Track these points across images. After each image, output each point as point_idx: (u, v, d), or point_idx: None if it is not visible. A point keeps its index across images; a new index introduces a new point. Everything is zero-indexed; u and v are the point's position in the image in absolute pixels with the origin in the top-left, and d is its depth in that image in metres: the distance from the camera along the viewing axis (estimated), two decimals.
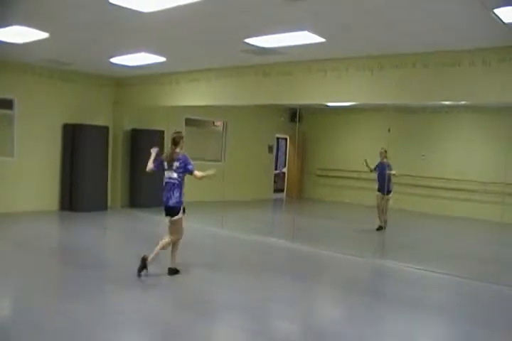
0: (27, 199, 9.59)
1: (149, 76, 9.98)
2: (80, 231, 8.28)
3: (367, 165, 9.22)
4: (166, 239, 5.61)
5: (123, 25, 6.08)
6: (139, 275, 5.41)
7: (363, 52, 6.90)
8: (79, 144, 9.98)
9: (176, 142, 5.55)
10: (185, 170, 5.47)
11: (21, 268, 5.76)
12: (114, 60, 8.42)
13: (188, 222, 6.42)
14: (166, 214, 5.62)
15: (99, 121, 10.37)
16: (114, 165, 10.85)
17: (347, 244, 8.46)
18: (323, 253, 7.39)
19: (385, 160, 9.15)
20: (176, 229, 5.63)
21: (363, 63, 7.01)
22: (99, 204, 10.25)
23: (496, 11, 4.58)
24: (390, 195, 9.12)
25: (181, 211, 5.54)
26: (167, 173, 5.55)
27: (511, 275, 6.44)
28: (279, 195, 14.57)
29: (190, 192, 6.54)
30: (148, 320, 4.27)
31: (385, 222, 9.10)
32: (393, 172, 8.98)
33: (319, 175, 13.60)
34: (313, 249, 7.57)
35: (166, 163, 5.55)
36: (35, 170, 9.73)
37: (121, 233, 8.70)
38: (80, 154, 9.98)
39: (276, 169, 15.01)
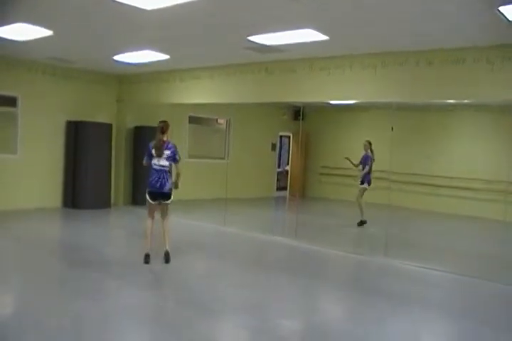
0: (30, 196, 9.62)
1: (153, 73, 9.98)
2: (82, 228, 8.30)
3: (351, 163, 9.32)
4: (166, 224, 6.04)
5: (126, 23, 6.08)
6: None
7: (367, 50, 6.88)
8: (82, 141, 9.99)
9: (163, 131, 5.87)
10: (173, 159, 5.88)
11: (23, 265, 5.78)
12: (117, 57, 8.42)
13: (191, 220, 6.45)
14: (156, 199, 5.95)
15: (103, 119, 10.38)
16: (117, 163, 10.87)
17: (350, 242, 8.48)
18: (325, 251, 7.38)
19: (369, 151, 9.23)
20: (167, 211, 6.07)
21: (367, 61, 6.99)
22: (102, 202, 10.27)
23: (501, 8, 4.56)
24: (362, 186, 9.31)
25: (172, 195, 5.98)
26: (156, 161, 5.85)
27: None
28: (281, 193, 14.56)
29: (193, 189, 6.58)
30: (149, 318, 4.28)
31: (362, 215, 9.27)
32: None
33: (322, 173, 13.58)
34: (316, 246, 7.56)
35: (154, 151, 5.83)
36: (38, 167, 9.75)
37: (124, 230, 8.71)
38: (83, 151, 9.99)
39: (279, 167, 15.00)
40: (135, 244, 7.23)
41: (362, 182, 9.34)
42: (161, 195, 5.90)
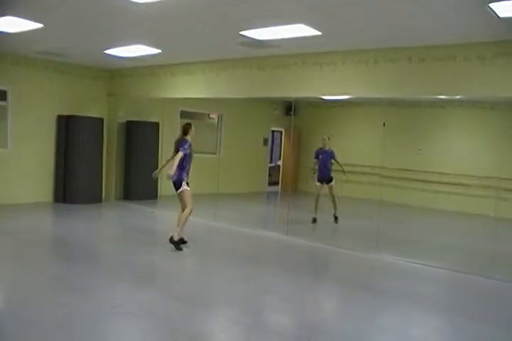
0: (21, 191, 9.55)
1: (144, 68, 9.92)
2: (74, 223, 8.27)
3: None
4: (179, 214, 6.50)
5: (118, 17, 6.04)
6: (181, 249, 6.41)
7: (359, 46, 6.88)
8: (73, 136, 9.93)
9: (185, 132, 6.58)
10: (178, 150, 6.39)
11: (15, 260, 5.74)
12: (108, 51, 8.36)
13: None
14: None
15: (94, 113, 10.33)
16: (108, 157, 10.82)
17: (340, 238, 8.51)
18: (317, 246, 7.42)
19: (327, 147, 9.19)
20: (182, 201, 6.54)
21: (359, 57, 6.99)
22: (93, 197, 10.24)
23: (492, 5, 4.58)
24: (332, 183, 9.25)
25: (183, 185, 6.43)
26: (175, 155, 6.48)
27: (503, 269, 6.48)
28: (273, 188, 14.57)
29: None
30: (143, 313, 4.28)
31: (336, 211, 9.22)
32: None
33: (314, 168, 13.58)
34: (307, 242, 7.59)
35: (174, 147, 6.54)
36: (29, 162, 9.69)
37: (116, 225, 8.70)
38: (75, 146, 9.94)
39: (271, 162, 15.00)
40: (126, 238, 7.23)
41: (330, 180, 9.29)
42: (174, 185, 6.51)
